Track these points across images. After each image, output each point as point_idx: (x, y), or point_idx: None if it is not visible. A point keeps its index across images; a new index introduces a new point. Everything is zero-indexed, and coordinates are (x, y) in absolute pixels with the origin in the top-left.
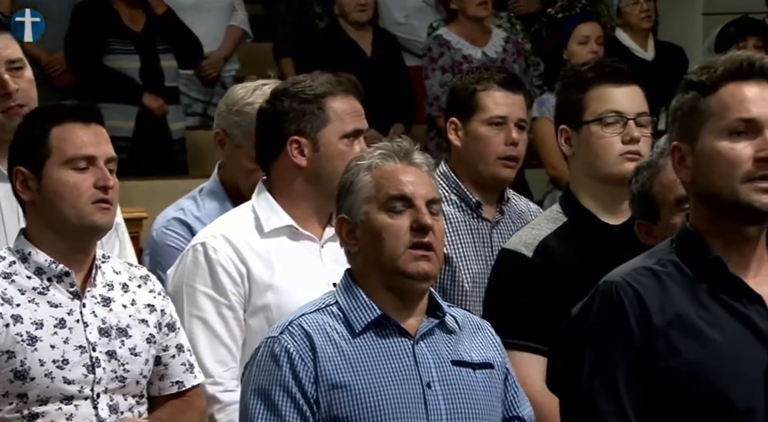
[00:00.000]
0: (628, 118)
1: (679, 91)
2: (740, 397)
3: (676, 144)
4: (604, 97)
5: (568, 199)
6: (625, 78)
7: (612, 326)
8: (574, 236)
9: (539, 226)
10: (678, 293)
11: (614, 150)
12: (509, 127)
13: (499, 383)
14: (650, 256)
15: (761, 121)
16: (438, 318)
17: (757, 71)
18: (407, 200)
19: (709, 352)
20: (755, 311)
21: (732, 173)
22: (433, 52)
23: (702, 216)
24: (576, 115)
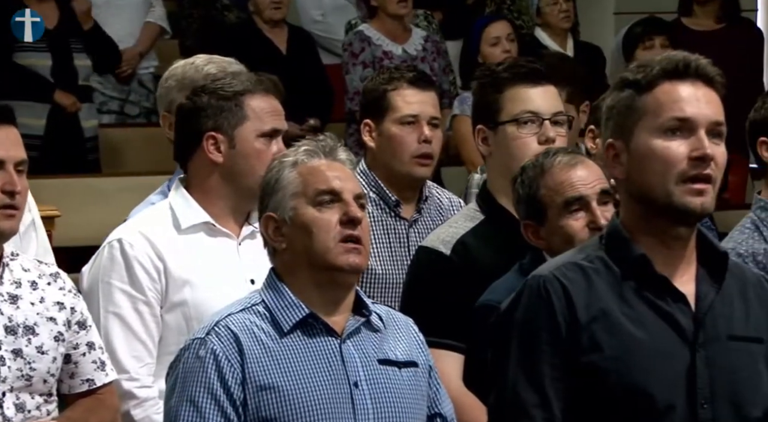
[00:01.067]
0: (543, 118)
1: (614, 89)
2: (661, 393)
3: (610, 141)
4: (519, 97)
5: (485, 197)
6: (540, 78)
7: (539, 320)
8: (491, 234)
9: (457, 224)
10: (604, 289)
11: (530, 150)
12: (421, 125)
13: (423, 381)
14: (579, 252)
15: (696, 120)
16: (364, 316)
17: (692, 71)
18: (336, 194)
19: (631, 349)
20: (678, 309)
21: (667, 172)
22: (354, 47)
23: (633, 213)
24: (492, 116)
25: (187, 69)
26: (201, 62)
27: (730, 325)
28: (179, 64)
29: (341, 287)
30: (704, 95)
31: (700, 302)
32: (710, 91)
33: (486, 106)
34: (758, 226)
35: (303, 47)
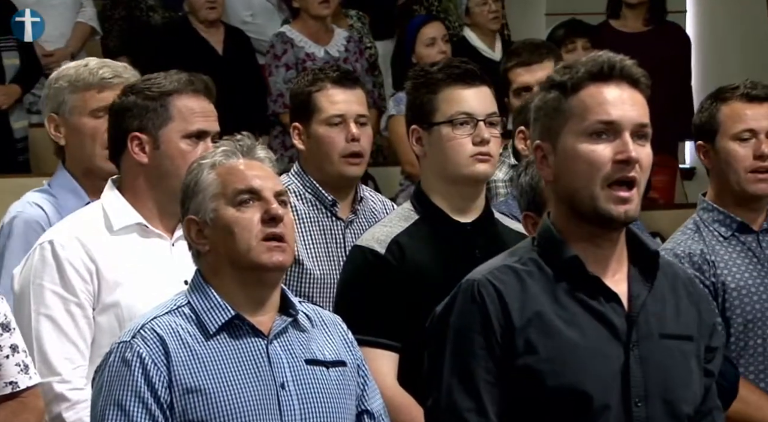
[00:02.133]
0: (478, 119)
1: (541, 90)
2: (597, 393)
3: (538, 143)
4: (454, 98)
5: (419, 197)
6: (474, 79)
7: (473, 324)
8: (426, 234)
9: (391, 223)
10: (537, 291)
11: (465, 151)
12: (348, 124)
13: (352, 380)
14: (512, 255)
15: (621, 123)
16: (291, 316)
17: (617, 73)
18: (255, 193)
19: (566, 350)
20: (612, 309)
21: (592, 175)
22: (277, 49)
23: (563, 215)
24: (427, 116)
25: (81, 70)
26: (95, 65)
27: (662, 324)
28: (70, 64)
29: (266, 286)
30: (629, 97)
31: (633, 301)
32: (635, 92)
33: (420, 107)
34: (699, 227)
35: (239, 48)
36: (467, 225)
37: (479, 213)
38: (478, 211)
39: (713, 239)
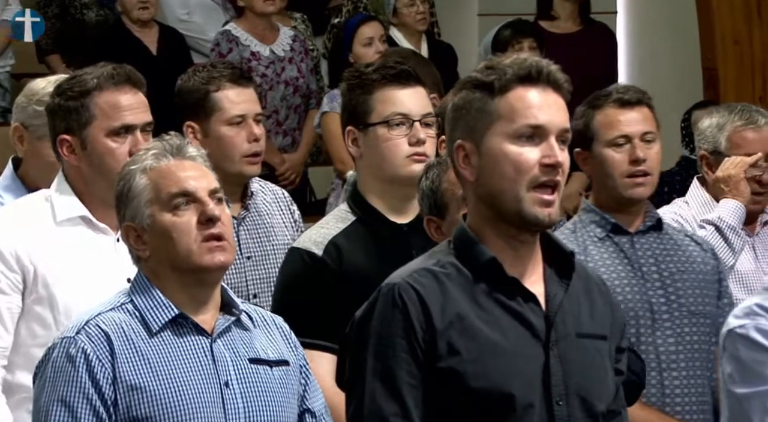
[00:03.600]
0: (413, 119)
1: (463, 89)
2: (520, 393)
3: (460, 143)
4: (389, 99)
5: (356, 198)
6: (409, 79)
7: (394, 328)
8: (363, 235)
9: (328, 225)
10: (457, 294)
11: (401, 152)
12: (249, 124)
13: (294, 379)
14: (430, 257)
15: (548, 127)
16: (234, 315)
17: (544, 78)
18: (190, 195)
19: (487, 351)
20: (530, 309)
21: (518, 177)
22: (222, 48)
23: (481, 216)
24: (362, 117)
25: None
26: None
27: (578, 323)
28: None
29: (208, 285)
30: (554, 102)
31: (550, 301)
32: (559, 97)
33: (355, 108)
34: (576, 228)
35: (173, 47)
36: (404, 226)
37: (416, 214)
38: (414, 212)
39: (588, 240)
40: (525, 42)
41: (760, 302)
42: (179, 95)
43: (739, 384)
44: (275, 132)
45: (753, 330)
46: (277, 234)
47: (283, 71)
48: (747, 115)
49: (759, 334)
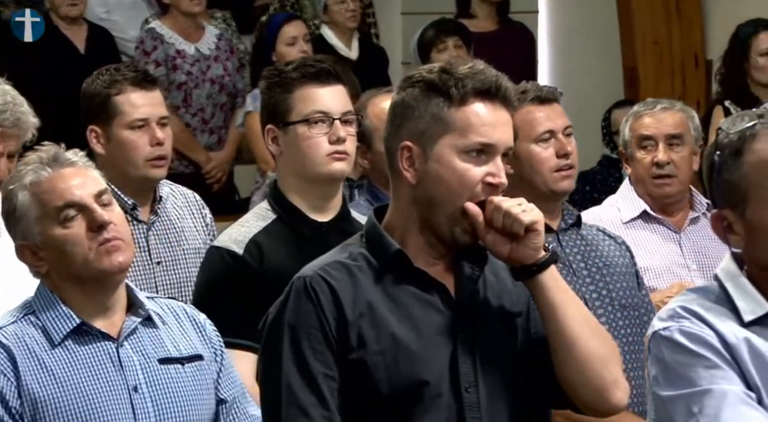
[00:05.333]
0: (334, 117)
1: (414, 87)
2: (430, 382)
3: (407, 144)
4: (309, 97)
5: (276, 196)
6: (329, 77)
7: (308, 319)
8: (284, 233)
9: (248, 223)
10: (368, 286)
11: (321, 150)
12: (152, 128)
13: (209, 373)
14: (342, 250)
15: (497, 146)
16: (141, 316)
17: (501, 94)
18: (76, 205)
19: (398, 341)
20: (440, 299)
21: (461, 192)
22: (146, 46)
23: (411, 217)
24: (282, 116)
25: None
26: None
27: (487, 309)
28: None
29: (110, 289)
30: (505, 120)
31: (460, 291)
32: (509, 114)
33: (275, 107)
34: None
35: (102, 46)
36: (324, 225)
37: (336, 212)
38: (335, 210)
39: None
40: (450, 41)
41: (683, 304)
42: (83, 99)
43: (664, 387)
44: (201, 130)
45: (677, 332)
46: (188, 238)
47: (209, 69)
48: (648, 103)
49: (683, 336)
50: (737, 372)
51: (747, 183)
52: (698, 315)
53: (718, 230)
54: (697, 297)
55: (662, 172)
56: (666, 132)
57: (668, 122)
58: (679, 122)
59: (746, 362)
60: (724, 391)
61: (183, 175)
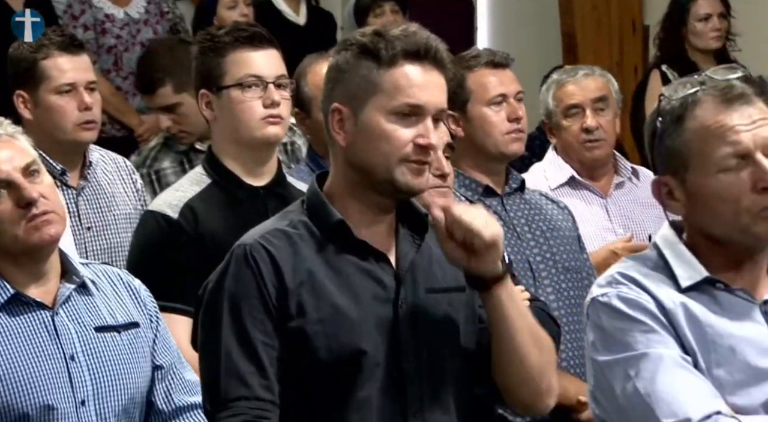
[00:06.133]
0: (267, 81)
1: (347, 50)
2: (370, 352)
3: (337, 106)
4: (242, 61)
5: (211, 161)
6: (262, 41)
7: (247, 288)
8: (219, 198)
9: (183, 188)
10: (309, 254)
11: (255, 114)
12: (80, 92)
13: (145, 340)
14: (282, 218)
15: (426, 108)
16: (75, 282)
17: (431, 56)
18: (2, 182)
19: (338, 311)
20: (380, 268)
21: (392, 153)
22: (74, 10)
23: (346, 179)
24: (215, 80)
25: None
26: None
27: (429, 279)
28: None
29: (43, 259)
30: (437, 81)
31: (401, 260)
32: (441, 76)
33: (209, 71)
34: None
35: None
36: (260, 189)
37: (272, 177)
38: (270, 174)
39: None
40: (386, 5)
41: (622, 270)
42: (9, 63)
43: (602, 352)
44: (133, 93)
45: (615, 298)
46: (119, 203)
47: (139, 33)
48: (567, 71)
49: (621, 302)
50: (673, 337)
51: (688, 150)
52: (636, 281)
53: (659, 196)
54: (636, 264)
55: (592, 137)
56: (591, 97)
57: (592, 87)
58: (602, 86)
59: (682, 326)
60: (660, 355)
61: (115, 138)
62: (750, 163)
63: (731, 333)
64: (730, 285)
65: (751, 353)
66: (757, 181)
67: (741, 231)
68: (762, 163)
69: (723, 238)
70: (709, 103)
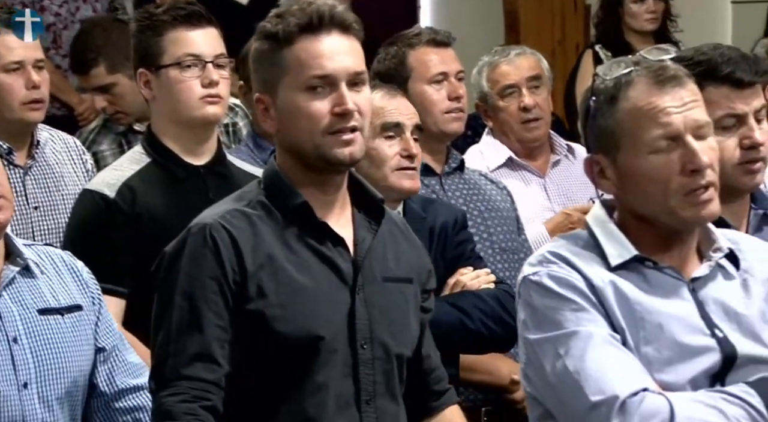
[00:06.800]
0: (206, 61)
1: (256, 40)
2: (327, 337)
3: (259, 96)
4: (180, 40)
5: (150, 140)
6: (201, 20)
7: (204, 268)
8: (158, 177)
9: (122, 167)
10: (268, 236)
11: (194, 94)
12: (28, 70)
13: (88, 323)
14: (240, 199)
15: (336, 75)
16: (19, 265)
17: (327, 22)
18: None
19: (297, 294)
20: (338, 253)
21: (313, 128)
22: None
23: (288, 162)
24: (154, 59)
25: None
26: None
27: (385, 267)
28: None
29: None
30: (342, 46)
31: (359, 246)
32: (347, 38)
33: (147, 50)
34: None
35: None
36: (200, 168)
37: (212, 156)
38: (210, 153)
39: None
40: None
41: (552, 249)
42: None
43: (533, 330)
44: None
45: (546, 276)
46: (68, 183)
47: (78, 11)
48: (498, 52)
49: (551, 281)
50: (603, 315)
51: (621, 129)
52: (566, 259)
53: (590, 174)
54: (566, 243)
55: (530, 115)
56: (526, 76)
57: (525, 66)
58: (535, 65)
59: (611, 304)
60: (590, 333)
61: (55, 117)
62: (680, 145)
63: (659, 310)
64: (659, 263)
65: (679, 330)
66: (686, 164)
67: (668, 212)
68: (691, 146)
69: (651, 218)
70: (642, 84)
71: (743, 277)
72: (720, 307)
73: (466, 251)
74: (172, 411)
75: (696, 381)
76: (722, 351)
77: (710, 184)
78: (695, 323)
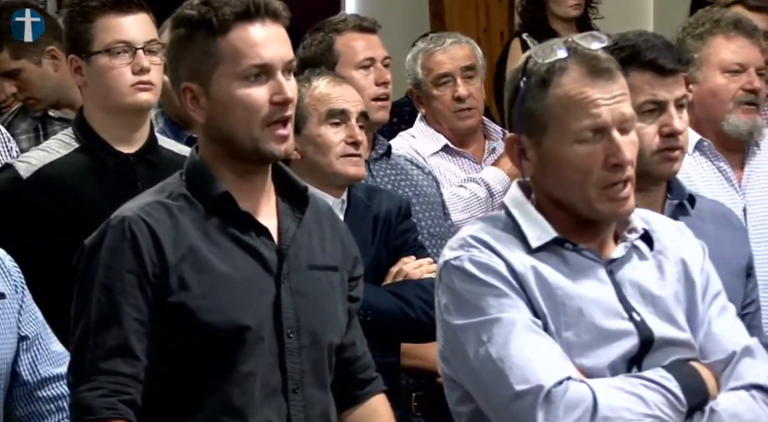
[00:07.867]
0: (136, 47)
1: (180, 26)
2: (252, 327)
3: (186, 85)
4: (110, 26)
5: (81, 126)
6: (131, 6)
7: (123, 261)
8: (85, 163)
9: (50, 149)
10: (190, 227)
11: (125, 81)
12: None
13: (12, 311)
14: (162, 191)
15: (274, 63)
16: None
17: (263, 11)
18: None
19: (220, 285)
20: (262, 243)
21: (251, 118)
22: None
23: (213, 153)
24: (84, 46)
25: None
26: None
27: (310, 256)
28: None
29: None
30: (277, 34)
31: (283, 235)
32: (279, 27)
33: (77, 36)
34: None
35: None
36: (130, 155)
37: (143, 143)
38: (142, 141)
39: None
40: None
41: (473, 233)
42: None
43: (455, 316)
44: None
45: (467, 261)
46: None
47: None
48: (434, 40)
49: (473, 266)
50: (525, 301)
51: (549, 114)
52: (487, 243)
53: (511, 153)
54: (486, 226)
55: (464, 105)
56: (461, 65)
57: (460, 56)
58: (470, 54)
59: (533, 290)
60: (513, 320)
61: None
62: (606, 137)
63: (580, 294)
64: (578, 245)
65: (598, 314)
66: (610, 157)
67: (584, 202)
68: (616, 140)
69: (567, 204)
70: (575, 72)
71: (657, 258)
72: (636, 289)
73: (410, 240)
74: (91, 405)
75: (615, 365)
76: (640, 334)
77: (628, 179)
78: (613, 307)
